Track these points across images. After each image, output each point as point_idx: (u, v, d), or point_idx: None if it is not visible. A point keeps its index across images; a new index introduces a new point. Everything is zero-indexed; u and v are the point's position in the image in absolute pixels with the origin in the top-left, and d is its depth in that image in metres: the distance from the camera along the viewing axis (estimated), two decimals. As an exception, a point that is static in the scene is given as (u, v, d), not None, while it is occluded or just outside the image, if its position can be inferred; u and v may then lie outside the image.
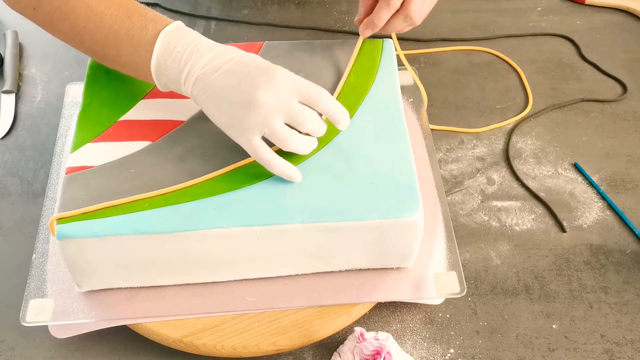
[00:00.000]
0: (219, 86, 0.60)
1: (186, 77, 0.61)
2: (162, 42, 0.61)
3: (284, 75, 0.60)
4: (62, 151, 0.76)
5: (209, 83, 0.60)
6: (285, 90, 0.59)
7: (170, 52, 0.61)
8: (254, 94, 0.58)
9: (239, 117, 0.59)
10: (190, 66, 0.60)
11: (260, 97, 0.58)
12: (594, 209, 0.78)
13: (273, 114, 0.58)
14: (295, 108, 0.60)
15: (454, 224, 0.76)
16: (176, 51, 0.60)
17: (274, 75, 0.59)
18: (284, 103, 0.59)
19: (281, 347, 0.63)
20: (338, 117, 0.62)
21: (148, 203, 0.59)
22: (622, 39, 1.00)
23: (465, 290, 0.64)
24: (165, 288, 0.65)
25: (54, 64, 0.95)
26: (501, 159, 0.83)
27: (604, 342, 0.66)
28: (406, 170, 0.62)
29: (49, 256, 0.67)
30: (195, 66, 0.60)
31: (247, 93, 0.58)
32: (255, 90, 0.58)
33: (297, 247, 0.62)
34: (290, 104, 0.59)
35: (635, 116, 0.89)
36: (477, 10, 1.04)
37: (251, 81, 0.59)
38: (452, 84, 0.92)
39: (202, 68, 0.60)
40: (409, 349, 0.66)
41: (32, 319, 0.62)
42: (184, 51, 0.60)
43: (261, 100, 0.58)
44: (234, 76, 0.59)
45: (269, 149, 0.60)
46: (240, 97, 0.59)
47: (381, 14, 0.70)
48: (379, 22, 0.70)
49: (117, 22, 0.62)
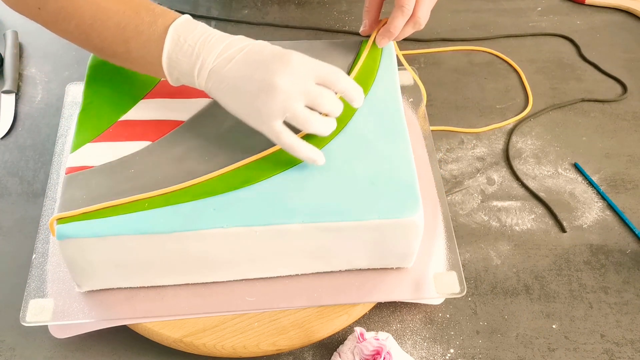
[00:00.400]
0: (234, 76, 0.60)
1: (199, 70, 0.60)
2: (173, 36, 0.60)
3: (299, 59, 0.60)
4: (62, 151, 0.76)
5: (224, 74, 0.60)
6: (302, 73, 0.59)
7: (182, 46, 0.60)
8: (272, 80, 0.58)
9: (259, 104, 0.59)
10: (202, 59, 0.60)
11: (279, 82, 0.58)
12: (594, 209, 0.78)
13: (293, 97, 0.58)
14: (314, 90, 0.60)
15: (454, 224, 0.76)
16: (187, 44, 0.60)
17: (289, 60, 0.59)
18: (302, 86, 0.59)
19: (281, 347, 0.63)
20: (354, 96, 0.63)
21: (148, 203, 0.59)
22: (622, 39, 1.00)
23: (465, 290, 0.64)
24: (165, 288, 0.65)
25: (54, 64, 0.95)
26: (501, 159, 0.83)
27: (604, 342, 0.66)
28: (406, 170, 0.62)
29: (49, 256, 0.67)
30: (207, 58, 0.60)
31: (265, 80, 0.58)
32: (273, 76, 0.58)
33: (297, 247, 0.62)
34: (308, 87, 0.59)
35: (635, 116, 0.89)
36: (477, 10, 1.04)
37: (267, 68, 0.59)
38: (452, 84, 0.92)
39: (214, 60, 0.60)
40: (409, 349, 0.66)
41: (32, 319, 0.62)
42: (195, 44, 0.60)
43: (280, 85, 0.58)
44: (249, 65, 0.59)
45: (292, 134, 0.60)
46: (257, 85, 0.59)
47: (397, 23, 0.70)
48: (395, 30, 0.71)
49: (125, 18, 0.62)
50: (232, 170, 0.62)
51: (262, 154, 0.63)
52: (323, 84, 0.61)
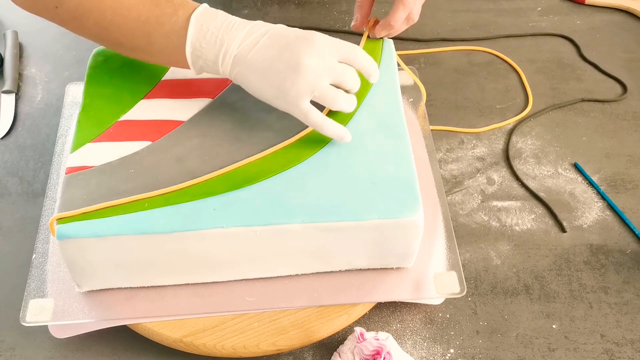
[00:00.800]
0: (260, 60, 0.61)
1: (223, 57, 0.61)
2: (195, 25, 0.61)
3: (322, 39, 0.62)
4: (62, 151, 0.76)
5: (249, 59, 0.61)
6: (327, 53, 0.61)
7: (204, 35, 0.61)
8: (300, 61, 0.60)
9: (287, 86, 0.60)
10: (226, 45, 0.61)
11: (306, 62, 0.60)
12: (594, 209, 0.78)
13: (320, 76, 0.61)
14: (338, 67, 0.62)
15: (454, 224, 0.76)
16: (210, 33, 0.61)
17: (313, 40, 0.61)
18: (327, 64, 0.61)
19: (281, 347, 0.63)
20: (372, 71, 0.66)
21: (148, 203, 0.59)
22: (622, 39, 1.00)
23: (465, 290, 0.64)
24: (165, 288, 0.65)
25: (54, 64, 0.95)
26: (501, 159, 0.83)
27: (604, 342, 0.66)
28: (406, 170, 0.62)
29: (49, 256, 0.67)
30: (231, 45, 0.61)
31: (292, 61, 0.60)
32: (300, 56, 0.60)
33: (297, 247, 0.62)
34: (332, 65, 0.62)
35: (635, 116, 0.89)
36: (477, 10, 1.04)
37: (293, 49, 0.60)
38: (452, 84, 0.92)
39: (238, 46, 0.61)
40: (409, 349, 0.66)
41: (32, 319, 0.62)
42: (218, 32, 0.61)
43: (307, 65, 0.60)
44: (273, 48, 0.61)
45: (320, 112, 0.62)
46: (285, 66, 0.60)
47: (397, 15, 0.72)
48: (396, 23, 0.73)
49: (145, 11, 0.62)
50: (232, 170, 0.62)
51: (262, 154, 0.63)
52: (345, 60, 0.63)
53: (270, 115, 0.67)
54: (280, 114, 0.63)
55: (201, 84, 0.70)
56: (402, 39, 0.97)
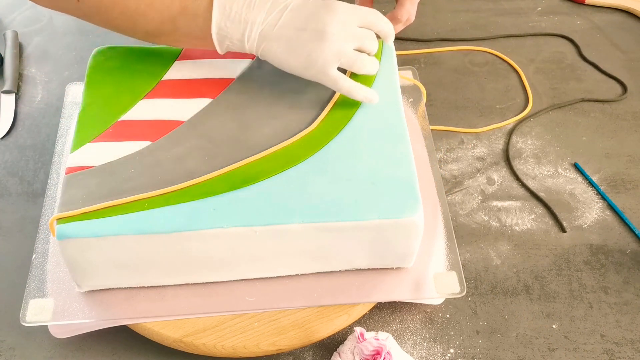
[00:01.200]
0: (285, 34, 0.62)
1: (249, 35, 0.63)
2: (219, 6, 0.62)
3: (343, 6, 0.64)
4: (62, 151, 0.76)
5: (275, 33, 0.62)
6: (349, 19, 0.63)
7: (229, 15, 0.62)
8: (325, 29, 0.62)
9: (315, 55, 0.62)
10: (251, 22, 0.62)
11: (331, 30, 0.62)
12: (594, 209, 0.78)
13: (345, 42, 0.63)
14: (360, 32, 0.65)
15: (454, 224, 0.76)
16: (234, 12, 0.62)
17: (335, 8, 0.63)
18: (351, 31, 0.64)
19: (281, 347, 0.63)
20: (389, 32, 0.69)
21: (148, 203, 0.59)
22: (622, 39, 1.00)
23: (465, 290, 0.64)
24: (165, 288, 0.65)
25: (54, 64, 0.95)
26: (501, 159, 0.83)
27: (604, 342, 0.66)
28: (406, 170, 0.62)
29: (49, 256, 0.67)
30: (256, 22, 0.62)
31: (317, 30, 0.62)
32: (325, 25, 0.62)
33: (297, 247, 0.62)
34: (355, 31, 0.64)
35: (635, 116, 0.89)
36: (477, 10, 1.04)
37: (317, 19, 0.62)
38: (452, 84, 0.92)
39: (263, 22, 0.62)
40: (409, 349, 0.66)
41: (32, 318, 0.62)
42: (241, 10, 0.62)
43: (333, 33, 0.62)
44: (298, 20, 0.62)
45: (348, 78, 0.65)
46: (311, 36, 0.62)
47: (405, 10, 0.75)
48: (402, 17, 0.75)
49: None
50: (232, 170, 0.62)
51: (262, 154, 0.63)
52: (365, 25, 0.65)
53: (270, 115, 0.67)
54: (280, 114, 0.63)
55: (201, 84, 0.70)
56: (402, 39, 0.97)
